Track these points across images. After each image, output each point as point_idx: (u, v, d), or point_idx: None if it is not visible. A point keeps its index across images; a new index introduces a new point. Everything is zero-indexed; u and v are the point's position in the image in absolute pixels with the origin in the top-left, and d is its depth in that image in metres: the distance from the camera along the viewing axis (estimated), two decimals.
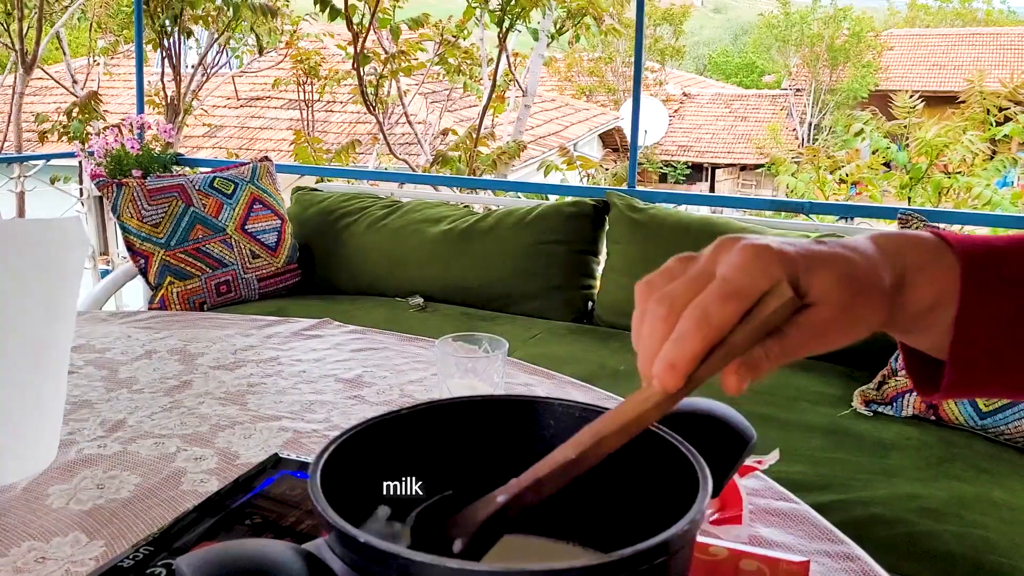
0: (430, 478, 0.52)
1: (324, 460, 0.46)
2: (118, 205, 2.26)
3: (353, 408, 1.00)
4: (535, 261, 2.23)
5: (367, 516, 0.45)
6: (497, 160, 4.43)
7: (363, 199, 2.57)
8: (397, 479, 0.51)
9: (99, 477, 0.81)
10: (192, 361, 1.16)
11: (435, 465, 0.52)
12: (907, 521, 1.15)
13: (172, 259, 2.25)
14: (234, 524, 0.69)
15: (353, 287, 2.41)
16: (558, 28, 4.90)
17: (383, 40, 4.90)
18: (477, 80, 5.58)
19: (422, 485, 0.51)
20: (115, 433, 0.91)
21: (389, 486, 0.50)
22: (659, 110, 12.38)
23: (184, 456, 0.86)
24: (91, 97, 4.64)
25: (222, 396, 1.03)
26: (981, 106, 4.24)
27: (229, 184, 2.39)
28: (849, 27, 17.96)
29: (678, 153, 16.82)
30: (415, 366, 1.16)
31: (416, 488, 0.51)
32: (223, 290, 2.29)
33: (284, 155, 6.94)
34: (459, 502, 0.44)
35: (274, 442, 0.89)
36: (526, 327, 2.06)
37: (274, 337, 1.27)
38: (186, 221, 2.29)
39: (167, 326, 1.32)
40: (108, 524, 0.72)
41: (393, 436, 0.51)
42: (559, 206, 2.35)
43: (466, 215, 2.40)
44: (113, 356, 1.17)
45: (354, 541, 0.39)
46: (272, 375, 1.11)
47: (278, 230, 2.40)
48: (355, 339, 1.28)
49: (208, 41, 5.22)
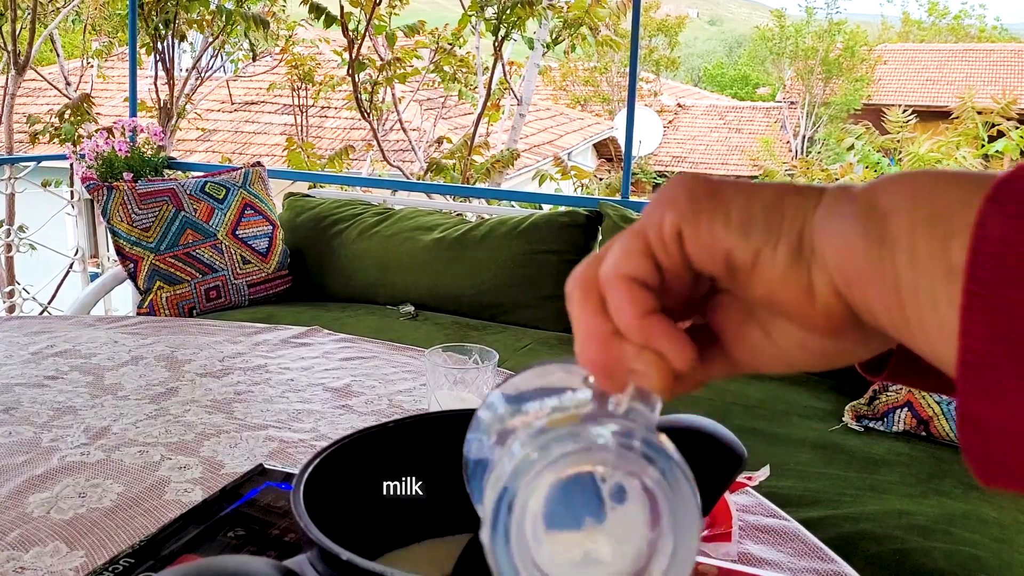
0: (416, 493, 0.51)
1: (308, 474, 0.45)
2: (108, 208, 2.25)
3: (341, 418, 0.99)
4: (527, 270, 2.23)
5: (352, 531, 0.44)
6: (491, 168, 4.44)
7: (356, 206, 2.56)
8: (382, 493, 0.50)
9: (81, 485, 0.79)
10: (179, 368, 1.14)
11: (422, 479, 0.51)
12: (896, 538, 1.14)
13: (162, 264, 2.23)
14: (218, 535, 0.68)
15: (344, 294, 2.40)
16: (554, 38, 4.92)
17: (378, 47, 4.91)
18: (472, 88, 5.59)
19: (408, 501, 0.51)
20: (99, 440, 0.90)
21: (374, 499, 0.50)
22: (654, 121, 12.44)
23: (168, 465, 0.84)
24: (83, 99, 4.62)
25: (208, 404, 1.02)
26: (974, 122, 4.27)
27: (221, 189, 2.38)
28: (843, 41, 18.12)
29: (672, 164, 16.90)
30: (404, 376, 1.15)
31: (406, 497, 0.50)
32: (213, 295, 2.28)
33: (277, 160, 6.94)
34: None
35: (260, 451, 0.88)
36: (517, 337, 2.06)
37: (263, 345, 1.26)
38: (176, 226, 2.27)
39: (155, 332, 1.31)
40: (89, 534, 0.71)
41: (379, 449, 0.51)
42: (552, 216, 2.35)
43: (459, 223, 2.40)
44: (99, 362, 1.16)
45: (336, 559, 0.38)
46: (260, 383, 1.10)
47: (269, 236, 2.39)
48: (344, 347, 1.27)
49: (202, 45, 5.21)
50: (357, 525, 0.46)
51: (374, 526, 0.49)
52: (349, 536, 0.40)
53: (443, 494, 0.51)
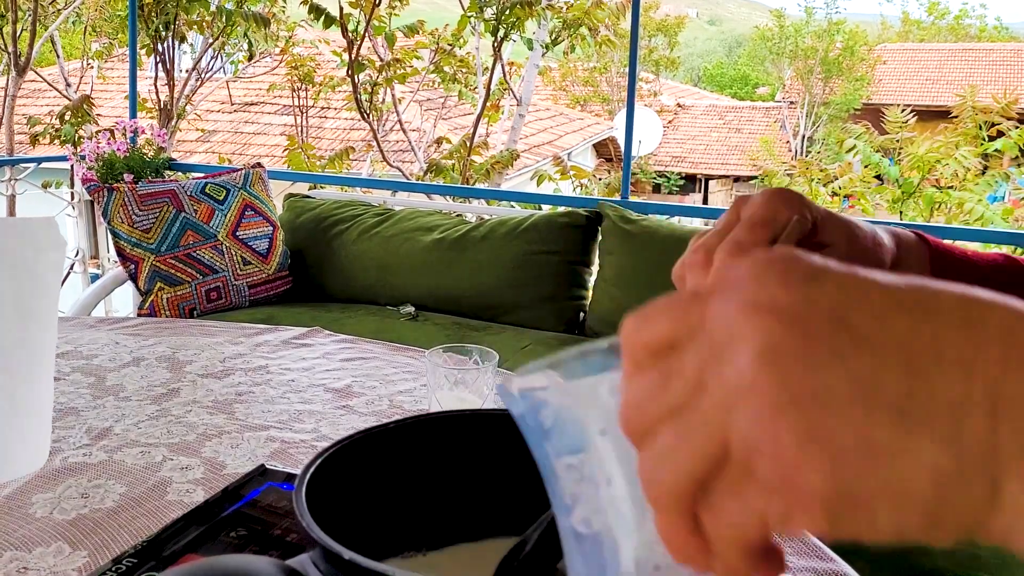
0: (417, 493, 0.51)
1: (310, 474, 0.46)
2: (108, 210, 2.25)
3: (342, 418, 0.99)
4: (527, 271, 2.24)
5: (354, 531, 0.45)
6: (491, 169, 4.44)
7: (356, 207, 2.56)
8: (384, 493, 0.51)
9: (84, 486, 0.80)
10: (180, 369, 1.15)
11: (422, 480, 0.52)
12: (894, 552, 1.15)
13: (162, 265, 2.23)
14: (220, 535, 0.68)
15: (344, 295, 2.41)
16: (553, 38, 4.92)
17: (378, 47, 4.91)
18: (472, 89, 5.59)
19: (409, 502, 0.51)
20: (101, 441, 0.90)
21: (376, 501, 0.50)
22: (653, 120, 12.43)
23: (170, 465, 0.85)
24: (83, 100, 4.63)
25: (210, 405, 1.02)
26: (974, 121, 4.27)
27: (221, 190, 2.39)
28: (843, 41, 18.11)
29: (672, 164, 16.88)
30: (405, 376, 1.15)
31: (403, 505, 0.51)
32: (213, 296, 2.28)
33: (277, 161, 6.94)
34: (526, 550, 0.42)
35: (261, 452, 0.88)
36: (517, 337, 2.06)
37: (264, 345, 1.27)
38: (177, 227, 2.28)
39: (156, 333, 1.31)
40: (92, 534, 0.71)
41: (380, 450, 0.51)
42: (551, 216, 2.35)
43: (459, 224, 2.41)
44: (100, 363, 1.16)
45: (338, 558, 0.38)
46: (261, 384, 1.10)
47: (269, 237, 2.39)
48: (345, 348, 1.27)
49: (202, 46, 5.22)
50: (358, 525, 0.47)
51: (376, 526, 0.49)
52: (350, 536, 0.41)
53: (444, 494, 0.52)
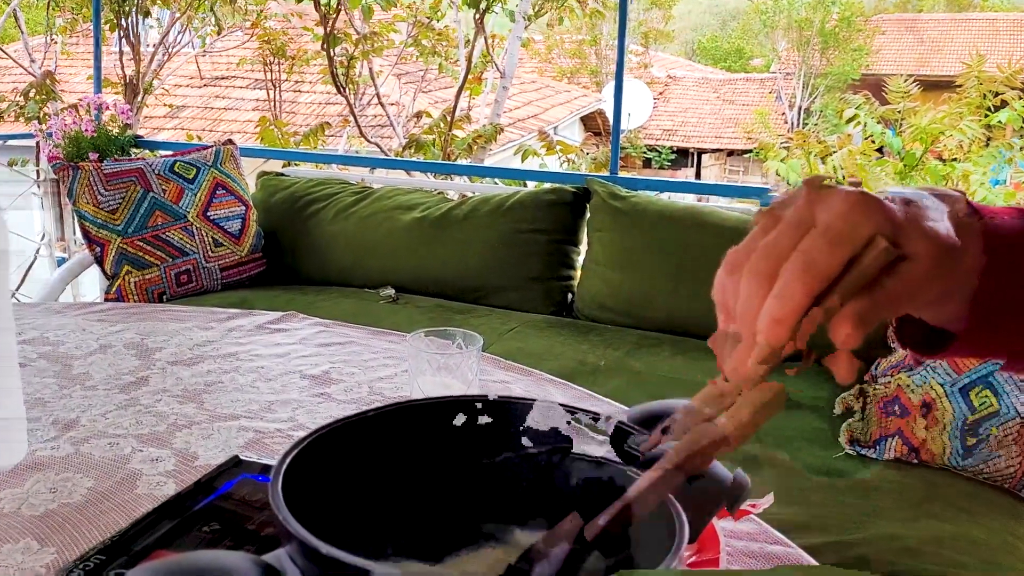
0: (400, 483, 0.49)
1: (286, 465, 0.44)
2: (74, 190, 2.18)
3: (319, 406, 0.97)
4: (512, 251, 2.20)
5: (332, 524, 0.43)
6: (473, 144, 4.37)
7: (332, 185, 2.51)
8: (364, 485, 0.49)
9: (52, 480, 0.77)
10: (149, 356, 1.11)
11: (405, 469, 0.50)
12: (886, 561, 1.14)
13: (130, 247, 2.18)
14: (192, 529, 0.66)
15: (321, 277, 2.37)
16: (536, 10, 4.83)
17: (355, 20, 4.80)
18: (453, 61, 5.49)
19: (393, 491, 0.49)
20: (68, 433, 0.87)
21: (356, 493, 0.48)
22: (643, 93, 12.20)
23: (140, 457, 0.82)
24: (47, 76, 4.49)
25: (180, 393, 0.99)
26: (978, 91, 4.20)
27: (191, 168, 2.32)
28: (839, 12, 17.90)
29: (663, 137, 16.57)
30: (385, 362, 1.13)
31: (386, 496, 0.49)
32: (183, 280, 2.23)
33: (249, 137, 6.80)
34: None
35: (235, 442, 0.86)
36: (503, 320, 2.03)
37: (236, 331, 1.23)
38: (145, 207, 2.21)
39: (124, 319, 1.27)
40: (60, 530, 0.69)
41: (360, 439, 0.49)
42: (537, 193, 2.31)
43: (440, 202, 2.36)
44: (67, 350, 1.12)
45: (316, 553, 0.37)
46: (233, 371, 1.07)
47: (242, 217, 2.34)
48: (322, 332, 1.24)
49: (169, 20, 5.08)
50: (337, 518, 0.45)
51: (355, 519, 0.47)
52: (329, 529, 0.39)
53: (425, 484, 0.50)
